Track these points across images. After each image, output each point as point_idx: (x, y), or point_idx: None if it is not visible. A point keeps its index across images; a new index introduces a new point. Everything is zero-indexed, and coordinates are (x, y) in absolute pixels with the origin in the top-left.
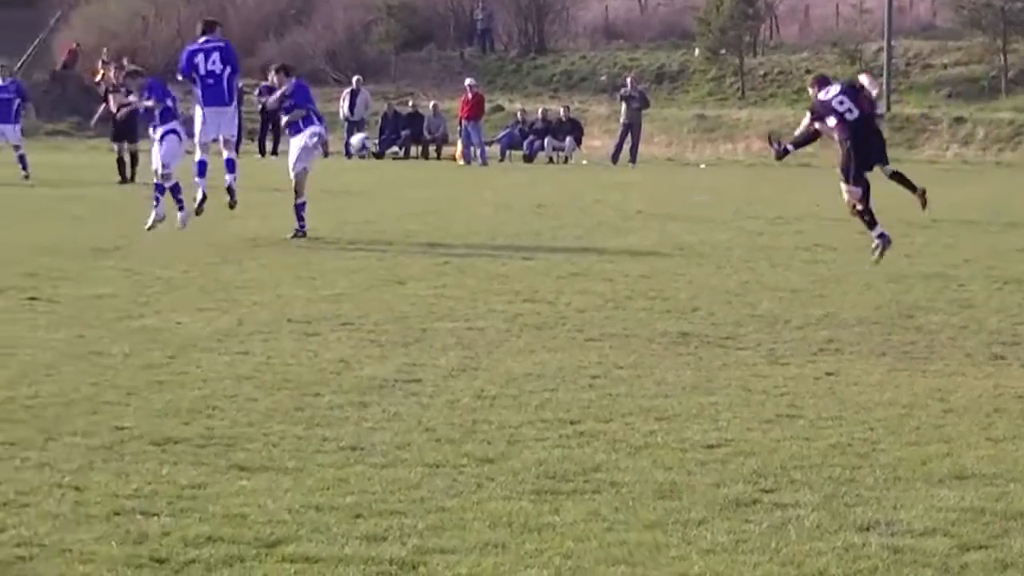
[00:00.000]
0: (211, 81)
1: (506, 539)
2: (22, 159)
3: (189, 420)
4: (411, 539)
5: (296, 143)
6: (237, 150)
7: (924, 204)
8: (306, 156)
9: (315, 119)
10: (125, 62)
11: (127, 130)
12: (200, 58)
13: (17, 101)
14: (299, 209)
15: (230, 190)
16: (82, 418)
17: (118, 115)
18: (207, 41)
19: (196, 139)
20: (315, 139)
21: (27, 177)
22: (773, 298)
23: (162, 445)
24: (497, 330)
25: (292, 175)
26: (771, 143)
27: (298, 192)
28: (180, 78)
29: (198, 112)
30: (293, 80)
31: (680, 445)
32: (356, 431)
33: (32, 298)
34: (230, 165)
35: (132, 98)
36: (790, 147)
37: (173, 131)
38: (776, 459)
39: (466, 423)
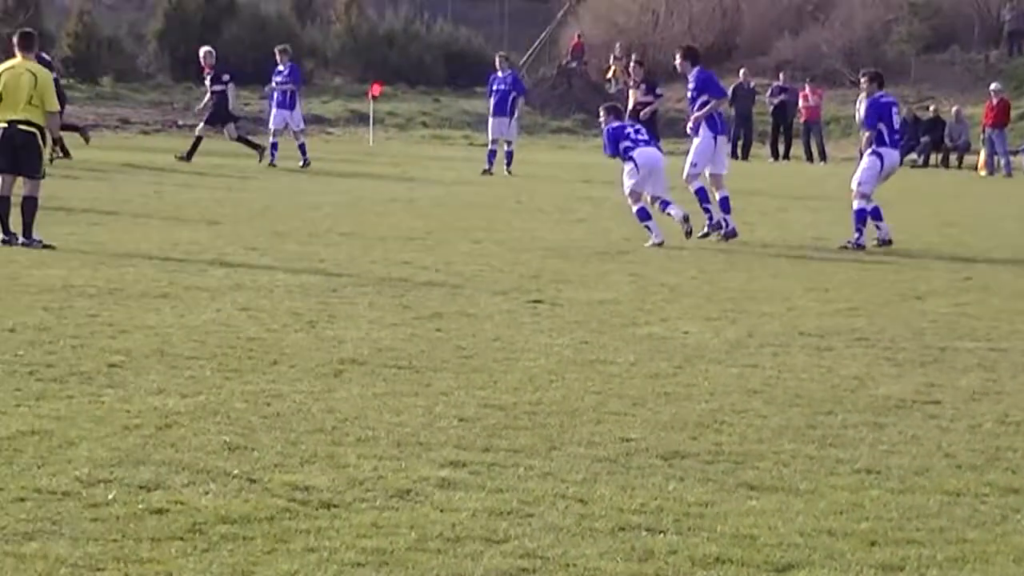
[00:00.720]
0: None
1: None
2: (509, 156)
3: (696, 434)
4: (930, 570)
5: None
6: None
7: None
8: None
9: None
10: (634, 57)
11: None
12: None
13: (513, 94)
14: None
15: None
16: (586, 427)
17: (641, 114)
18: None
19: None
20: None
21: (509, 172)
22: None
23: (668, 459)
24: (1022, 352)
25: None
26: None
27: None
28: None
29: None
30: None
31: None
32: (871, 453)
33: (535, 301)
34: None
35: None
36: None
37: None
38: None
39: (989, 449)
